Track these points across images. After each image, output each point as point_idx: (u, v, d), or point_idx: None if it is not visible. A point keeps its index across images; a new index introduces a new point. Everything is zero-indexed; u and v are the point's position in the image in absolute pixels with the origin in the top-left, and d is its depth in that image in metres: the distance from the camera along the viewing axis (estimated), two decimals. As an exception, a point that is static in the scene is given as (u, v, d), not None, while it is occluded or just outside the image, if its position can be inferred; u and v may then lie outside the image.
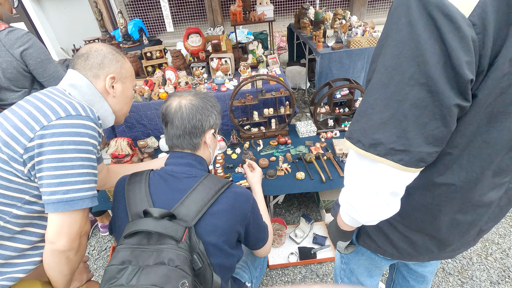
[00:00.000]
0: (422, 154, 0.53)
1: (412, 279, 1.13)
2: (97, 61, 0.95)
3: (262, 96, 2.03)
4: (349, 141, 0.60)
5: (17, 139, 0.79)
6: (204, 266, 0.85)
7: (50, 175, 0.79)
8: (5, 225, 0.81)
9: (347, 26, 3.00)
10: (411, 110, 0.51)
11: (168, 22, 3.36)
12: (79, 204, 0.81)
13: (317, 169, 1.73)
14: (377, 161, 0.56)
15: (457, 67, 0.47)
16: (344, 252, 0.93)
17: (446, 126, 0.52)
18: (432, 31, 0.47)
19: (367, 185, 0.60)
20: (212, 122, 1.03)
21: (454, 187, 0.63)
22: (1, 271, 0.81)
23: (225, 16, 5.52)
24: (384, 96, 0.54)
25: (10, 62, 1.45)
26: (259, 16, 2.60)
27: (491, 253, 1.77)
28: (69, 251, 0.84)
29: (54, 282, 0.93)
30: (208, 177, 0.95)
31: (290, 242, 1.90)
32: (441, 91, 0.49)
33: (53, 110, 0.82)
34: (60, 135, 0.79)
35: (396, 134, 0.53)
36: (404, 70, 0.50)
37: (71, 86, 0.93)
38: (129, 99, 1.08)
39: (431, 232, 0.72)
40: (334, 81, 2.02)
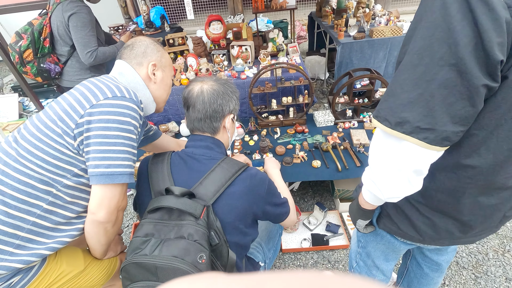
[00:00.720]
0: (448, 133, 0.55)
1: (427, 267, 1.14)
2: (141, 50, 1.05)
3: (281, 84, 2.05)
4: (376, 119, 0.62)
5: (70, 115, 0.88)
6: (221, 242, 0.90)
7: (95, 149, 0.87)
8: (57, 193, 0.90)
9: (370, 15, 2.93)
10: (439, 90, 0.53)
11: (189, 10, 3.39)
12: (118, 178, 0.88)
13: (333, 158, 1.75)
14: (403, 139, 0.57)
15: (488, 48, 0.48)
16: (363, 231, 0.95)
17: (473, 105, 0.53)
18: (465, 13, 0.48)
19: (391, 162, 0.62)
20: (232, 107, 1.07)
21: (479, 169, 0.64)
22: (51, 235, 0.91)
23: (245, 4, 5.48)
24: (413, 76, 0.56)
25: (61, 22, 1.92)
26: (281, 4, 2.59)
27: (508, 250, 1.74)
28: (107, 223, 0.92)
29: (93, 250, 1.03)
30: (226, 160, 0.99)
31: (303, 229, 1.94)
32: (469, 71, 0.50)
33: (101, 91, 0.91)
34: (106, 114, 0.87)
35: (422, 113, 0.55)
36: (435, 51, 0.52)
37: (119, 74, 1.03)
38: (168, 86, 1.15)
39: (454, 214, 0.73)
40: (355, 71, 2.00)
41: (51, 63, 2.04)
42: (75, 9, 1.87)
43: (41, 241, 0.89)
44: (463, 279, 1.62)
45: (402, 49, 0.62)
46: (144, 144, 1.36)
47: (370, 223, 0.95)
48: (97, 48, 1.95)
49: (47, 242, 0.90)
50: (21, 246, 0.86)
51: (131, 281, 0.85)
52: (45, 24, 1.95)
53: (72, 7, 1.87)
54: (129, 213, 2.25)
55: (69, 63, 2.09)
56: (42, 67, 2.02)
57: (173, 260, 0.78)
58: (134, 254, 0.83)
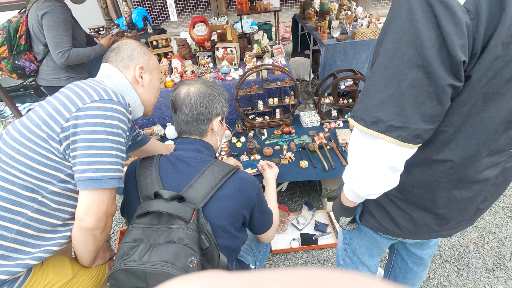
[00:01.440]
0: (419, 130, 0.58)
1: (411, 262, 1.18)
2: (128, 53, 1.03)
3: (267, 86, 2.06)
4: (353, 119, 0.65)
5: (56, 119, 0.85)
6: (211, 246, 0.89)
7: (82, 153, 0.84)
8: (42, 200, 0.87)
9: (352, 17, 3.00)
10: (409, 90, 0.56)
11: (172, 11, 3.35)
12: (107, 183, 0.86)
13: (320, 158, 1.77)
14: (378, 137, 0.60)
15: (451, 50, 0.51)
16: (346, 228, 0.98)
17: (440, 104, 0.57)
18: (429, 17, 0.51)
19: (368, 160, 0.65)
20: (219, 110, 1.06)
21: (451, 163, 0.67)
22: (37, 244, 0.88)
23: (229, 6, 5.48)
24: (385, 77, 0.58)
25: (35, 20, 1.91)
26: (265, 5, 2.61)
27: (487, 242, 1.82)
28: (96, 229, 0.89)
29: (81, 258, 0.99)
30: (215, 163, 0.99)
31: (292, 229, 1.96)
32: (435, 72, 0.53)
33: (88, 94, 0.89)
34: (93, 117, 0.85)
35: (395, 112, 0.58)
36: (404, 53, 0.55)
37: (106, 77, 1.01)
38: (156, 89, 1.14)
39: (430, 207, 0.77)
40: (339, 72, 2.04)
41: (26, 60, 2.02)
42: (48, 8, 1.85)
43: (26, 251, 0.85)
44: (446, 271, 1.68)
45: (375, 51, 0.65)
46: (133, 149, 1.34)
47: (353, 220, 0.98)
48: (70, 48, 1.92)
49: (32, 252, 0.86)
50: (5, 257, 0.82)
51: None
52: (22, 22, 1.94)
53: (46, 6, 1.86)
54: (115, 219, 2.20)
55: (44, 61, 2.06)
56: (17, 64, 2.00)
57: (163, 265, 0.77)
58: (122, 261, 0.81)
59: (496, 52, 0.52)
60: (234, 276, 0.22)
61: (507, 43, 0.52)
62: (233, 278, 0.22)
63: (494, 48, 0.52)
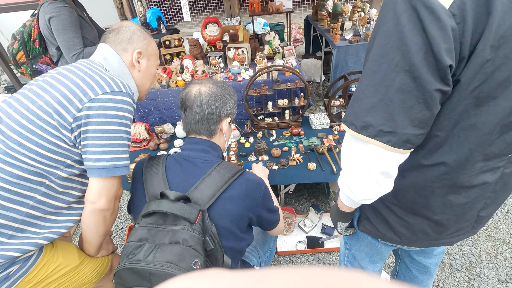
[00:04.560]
0: (408, 135, 0.58)
1: (415, 270, 1.15)
2: (127, 36, 1.03)
3: (277, 87, 2.06)
4: (345, 124, 0.65)
5: (67, 108, 0.86)
6: (216, 247, 0.89)
7: (95, 143, 0.88)
8: (50, 184, 0.90)
9: (365, 19, 2.96)
10: (397, 94, 0.56)
11: (186, 12, 3.40)
12: (119, 171, 0.92)
13: (328, 160, 1.76)
14: (368, 142, 0.60)
15: (437, 54, 0.51)
16: (344, 234, 0.97)
17: (429, 109, 0.56)
18: (415, 23, 0.51)
19: (360, 165, 0.65)
20: (229, 111, 1.06)
21: (444, 167, 0.67)
22: (45, 225, 0.92)
23: (242, 7, 5.51)
24: (373, 83, 0.59)
25: (44, 24, 1.88)
26: (277, 6, 2.60)
27: (501, 252, 1.76)
28: (107, 210, 0.95)
29: (89, 243, 1.03)
30: (222, 163, 0.98)
31: (298, 231, 1.94)
32: (422, 77, 0.53)
33: (99, 84, 0.90)
34: (105, 109, 0.88)
35: (384, 117, 0.58)
36: (391, 58, 0.55)
37: (104, 59, 1.01)
38: (152, 76, 1.14)
39: (426, 213, 0.75)
40: (350, 74, 2.02)
41: (43, 63, 2.05)
42: (54, 11, 1.82)
43: (35, 231, 0.90)
44: (456, 281, 1.64)
45: (366, 56, 0.65)
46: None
47: (351, 226, 0.97)
48: (83, 49, 1.92)
49: (41, 232, 0.91)
50: (16, 237, 0.87)
51: (124, 286, 0.83)
52: (33, 26, 1.94)
53: (51, 9, 1.82)
54: (123, 215, 2.24)
55: (60, 63, 2.09)
56: (35, 68, 2.03)
57: (167, 266, 0.77)
58: (128, 259, 0.81)
59: (484, 55, 0.51)
60: (237, 274, 0.22)
61: (497, 46, 0.51)
62: (237, 276, 0.22)
63: (482, 51, 0.51)
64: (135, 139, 2.04)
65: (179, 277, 0.23)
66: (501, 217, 1.97)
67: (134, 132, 2.04)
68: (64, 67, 0.94)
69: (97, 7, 2.40)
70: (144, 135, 2.05)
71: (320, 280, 0.19)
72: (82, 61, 0.98)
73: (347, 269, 1.06)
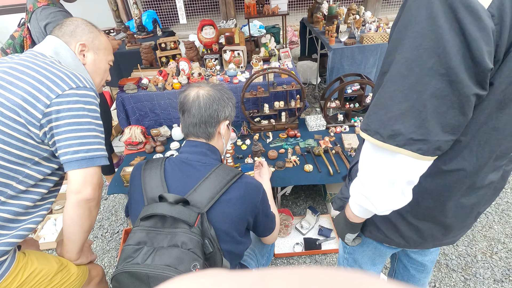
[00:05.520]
0: (440, 142, 0.55)
1: (413, 268, 1.15)
2: (70, 29, 1.05)
3: (273, 89, 2.06)
4: (366, 133, 0.61)
5: (34, 105, 0.86)
6: (215, 250, 0.89)
7: (70, 136, 0.89)
8: (17, 186, 0.90)
9: (360, 22, 2.99)
10: (430, 100, 0.53)
11: (181, 14, 3.39)
12: (98, 161, 0.94)
13: (325, 162, 1.76)
14: (396, 151, 0.57)
15: (478, 57, 0.49)
16: (352, 244, 0.94)
17: (463, 114, 0.54)
18: (452, 23, 0.49)
19: (383, 175, 0.61)
20: (227, 114, 1.06)
21: (464, 172, 0.65)
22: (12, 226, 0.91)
23: (237, 9, 5.52)
24: (403, 87, 0.55)
25: (39, 33, 1.79)
26: (273, 9, 2.61)
27: (496, 252, 1.77)
28: (92, 200, 0.96)
29: (72, 241, 1.01)
30: (220, 167, 0.98)
31: (296, 233, 1.94)
32: (460, 81, 0.50)
33: (63, 81, 0.91)
34: (75, 103, 0.90)
35: (415, 124, 0.54)
36: (424, 61, 0.52)
37: (56, 54, 1.01)
38: (102, 70, 1.14)
39: (439, 218, 0.74)
40: (346, 76, 2.03)
41: None
42: (49, 17, 1.74)
43: (3, 233, 0.89)
44: (453, 281, 1.65)
45: (386, 59, 0.62)
46: None
47: (358, 235, 0.94)
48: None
49: (9, 234, 0.90)
50: None
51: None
52: (24, 36, 1.85)
53: (46, 15, 1.74)
54: (120, 219, 2.22)
55: None
56: None
57: (166, 269, 0.77)
58: (126, 263, 0.81)
59: None
60: (237, 274, 0.22)
61: None
62: (236, 276, 0.22)
63: None
64: (131, 142, 2.03)
65: (179, 277, 0.23)
66: (496, 218, 1.99)
67: (130, 135, 2.03)
68: (16, 62, 0.92)
69: (92, 10, 2.39)
70: (140, 138, 2.04)
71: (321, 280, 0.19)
72: (33, 55, 0.96)
73: (347, 269, 1.06)
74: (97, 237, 2.09)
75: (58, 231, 2.06)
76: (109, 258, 1.94)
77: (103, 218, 2.24)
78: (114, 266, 1.87)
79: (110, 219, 2.23)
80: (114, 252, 1.98)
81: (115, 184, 1.76)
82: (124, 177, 1.74)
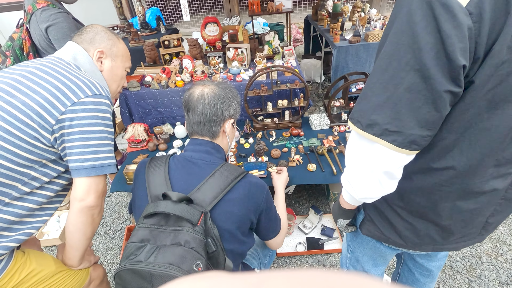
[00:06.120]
0: (414, 136, 0.56)
1: (418, 273, 1.14)
2: (89, 36, 1.06)
3: (277, 87, 2.05)
4: (351, 121, 0.64)
5: (49, 111, 0.87)
6: (218, 250, 0.89)
7: (82, 144, 0.90)
8: (22, 188, 0.90)
9: (365, 19, 2.95)
10: (405, 94, 0.55)
11: (185, 11, 3.38)
12: (107, 169, 0.95)
13: (328, 161, 1.75)
14: (373, 140, 0.59)
15: (450, 53, 0.49)
16: (345, 231, 0.97)
17: (437, 110, 0.55)
18: (429, 20, 0.49)
19: (364, 163, 0.64)
20: (232, 112, 1.06)
21: (454, 171, 0.65)
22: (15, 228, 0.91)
23: (241, 6, 5.49)
24: (382, 80, 0.57)
25: (40, 35, 1.75)
26: (277, 6, 2.59)
27: (501, 254, 1.75)
28: (96, 207, 0.96)
29: (75, 248, 1.00)
30: (225, 165, 0.98)
31: (298, 232, 1.93)
32: (432, 76, 0.52)
33: (80, 88, 0.92)
34: (89, 111, 0.91)
35: (390, 116, 0.57)
36: (401, 57, 0.54)
37: (74, 59, 1.02)
38: (118, 77, 1.15)
39: (433, 218, 0.74)
40: (350, 75, 2.01)
41: None
42: (50, 19, 1.69)
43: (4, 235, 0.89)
44: (457, 283, 1.63)
45: (377, 54, 0.64)
46: None
47: (352, 224, 0.96)
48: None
49: (11, 235, 0.90)
50: None
51: (125, 287, 0.83)
52: (23, 38, 1.79)
53: (46, 17, 1.69)
54: (122, 216, 2.22)
55: None
56: None
57: (169, 267, 0.76)
58: (129, 260, 0.81)
59: (501, 56, 0.50)
60: (237, 276, 0.22)
61: None
62: (237, 278, 0.22)
63: (499, 52, 0.50)
64: (134, 139, 2.02)
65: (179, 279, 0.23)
66: (502, 219, 1.96)
67: (133, 133, 2.03)
68: (35, 66, 0.92)
69: (96, 6, 2.39)
70: (143, 135, 2.03)
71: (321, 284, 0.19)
72: (53, 60, 0.96)
73: (348, 272, 1.05)
74: (100, 235, 2.10)
75: (61, 227, 2.08)
76: (112, 256, 1.94)
77: (106, 215, 2.25)
78: (116, 264, 1.88)
79: (113, 216, 2.23)
80: (117, 249, 1.99)
81: (117, 181, 1.76)
82: (127, 175, 1.74)
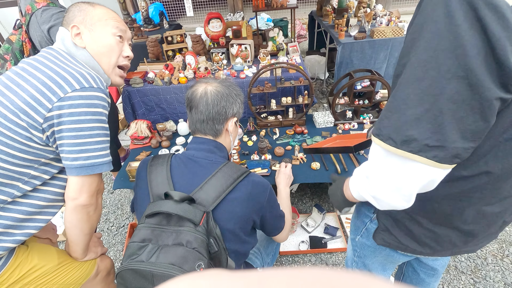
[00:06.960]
0: (458, 149, 0.52)
1: (423, 272, 1.12)
2: (67, 18, 0.99)
3: (281, 84, 2.02)
4: (378, 138, 0.58)
5: (36, 108, 0.83)
6: (220, 250, 0.88)
7: (71, 143, 0.86)
8: (23, 186, 0.89)
9: (371, 15, 2.90)
10: (447, 104, 0.50)
11: (188, 7, 3.35)
12: (98, 169, 0.90)
13: (332, 160, 1.73)
14: (410, 158, 0.54)
15: (501, 57, 0.45)
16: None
17: (485, 120, 0.50)
18: (472, 21, 0.45)
19: (392, 180, 0.59)
20: (235, 111, 1.04)
21: (486, 178, 0.62)
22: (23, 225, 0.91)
23: (245, 2, 5.44)
24: (418, 91, 0.52)
25: (41, 37, 1.68)
26: (281, 2, 2.56)
27: (507, 255, 1.73)
28: (90, 206, 0.94)
29: (74, 243, 1.00)
30: (227, 164, 0.97)
31: (301, 231, 1.92)
32: (481, 83, 0.47)
33: (67, 81, 0.85)
34: (77, 107, 0.84)
35: (430, 129, 0.52)
36: (441, 63, 0.49)
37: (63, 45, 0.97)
38: (106, 47, 0.99)
39: (458, 224, 0.71)
40: (355, 72, 1.98)
41: None
42: (52, 19, 1.62)
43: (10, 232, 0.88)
44: (461, 284, 1.61)
45: (400, 61, 0.59)
46: None
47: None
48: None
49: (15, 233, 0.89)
50: None
51: (127, 287, 0.82)
52: (23, 40, 1.72)
53: (48, 17, 1.63)
54: (125, 213, 2.23)
55: None
56: None
57: (170, 268, 0.76)
58: (131, 260, 0.80)
59: None
60: (238, 275, 0.22)
61: None
62: (237, 277, 0.22)
63: None
64: (136, 136, 2.02)
65: (180, 277, 0.23)
66: (508, 219, 1.93)
67: (135, 130, 2.02)
68: (28, 62, 0.90)
69: (99, 1, 2.36)
70: (146, 132, 2.03)
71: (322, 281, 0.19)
72: (45, 53, 0.93)
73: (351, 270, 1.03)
74: (103, 231, 2.11)
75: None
76: (115, 252, 1.95)
77: (109, 212, 2.25)
78: (119, 260, 1.89)
79: (116, 213, 2.24)
80: (120, 246, 1.99)
81: (120, 178, 1.76)
82: (129, 172, 1.73)
